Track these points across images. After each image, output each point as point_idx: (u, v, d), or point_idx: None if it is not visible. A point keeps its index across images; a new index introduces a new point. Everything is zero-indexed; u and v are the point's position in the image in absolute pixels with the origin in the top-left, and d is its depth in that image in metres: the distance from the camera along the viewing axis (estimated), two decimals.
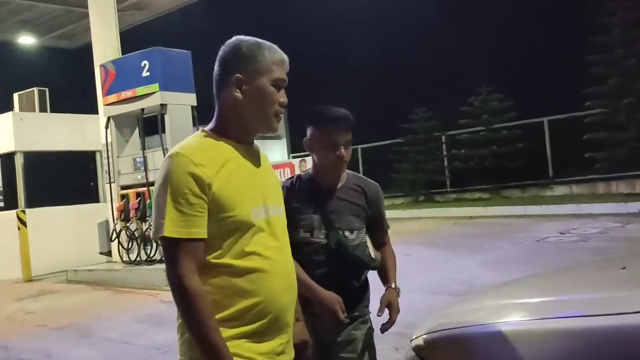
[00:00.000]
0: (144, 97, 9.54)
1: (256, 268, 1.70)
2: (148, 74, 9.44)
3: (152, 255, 9.64)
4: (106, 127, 10.25)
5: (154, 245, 9.58)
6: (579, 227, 10.32)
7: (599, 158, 13.96)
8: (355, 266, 2.49)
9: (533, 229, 10.73)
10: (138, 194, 9.84)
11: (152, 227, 1.69)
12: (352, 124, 2.45)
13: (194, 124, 9.67)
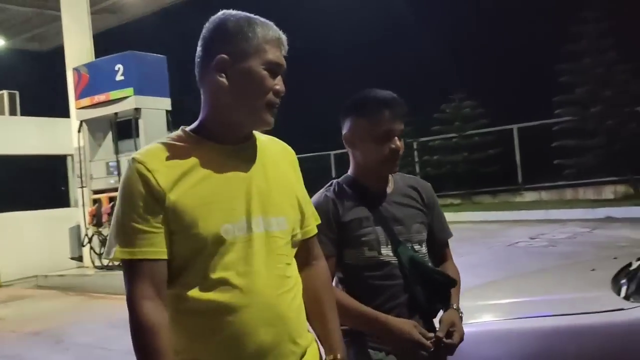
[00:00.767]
0: (118, 101, 9.48)
1: (220, 302, 1.36)
2: (122, 77, 9.39)
3: None
4: (78, 131, 10.16)
5: None
6: (548, 232, 10.52)
7: (567, 165, 14.24)
8: (441, 287, 1.97)
9: (504, 234, 10.90)
10: (111, 199, 9.76)
11: (106, 245, 1.43)
12: (406, 110, 1.99)
13: (168, 129, 9.64)
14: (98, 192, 10.06)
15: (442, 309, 1.94)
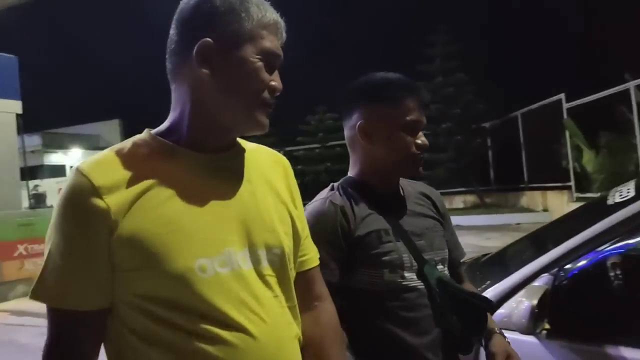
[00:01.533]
0: None
1: None
2: None
3: None
4: None
5: None
6: None
7: (422, 177, 15.12)
8: (477, 313, 1.48)
9: None
10: None
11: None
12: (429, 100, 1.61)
13: (18, 133, 9.08)
14: None
15: (477, 341, 1.50)
